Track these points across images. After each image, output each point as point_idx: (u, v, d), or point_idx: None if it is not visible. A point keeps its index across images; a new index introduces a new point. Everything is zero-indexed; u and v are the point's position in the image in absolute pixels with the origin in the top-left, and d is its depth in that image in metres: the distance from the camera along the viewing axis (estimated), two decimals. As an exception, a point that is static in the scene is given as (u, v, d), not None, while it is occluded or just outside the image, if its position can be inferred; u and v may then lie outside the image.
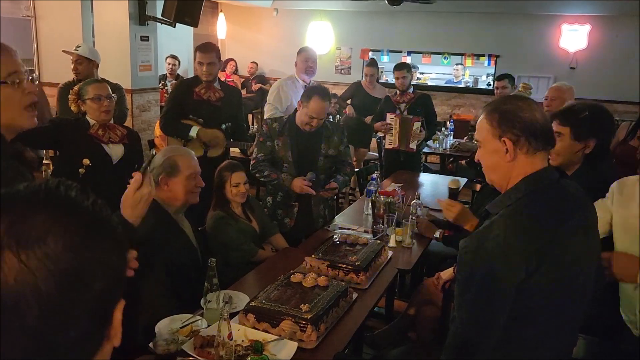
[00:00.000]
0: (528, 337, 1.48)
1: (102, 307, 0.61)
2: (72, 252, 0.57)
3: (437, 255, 3.36)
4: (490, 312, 1.44)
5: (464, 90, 9.23)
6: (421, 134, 4.77)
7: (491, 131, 1.51)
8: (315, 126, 3.12)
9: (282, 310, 1.92)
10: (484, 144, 1.56)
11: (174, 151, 2.43)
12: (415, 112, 4.84)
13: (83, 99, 2.93)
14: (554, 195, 1.50)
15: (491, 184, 3.11)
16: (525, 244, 1.39)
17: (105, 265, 0.60)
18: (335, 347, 1.89)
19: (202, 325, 1.95)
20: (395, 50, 9.39)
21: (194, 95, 3.81)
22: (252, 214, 3.01)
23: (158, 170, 2.30)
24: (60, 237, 0.57)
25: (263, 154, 3.21)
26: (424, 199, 3.52)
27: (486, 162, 1.59)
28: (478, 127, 1.58)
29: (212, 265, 2.02)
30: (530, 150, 1.48)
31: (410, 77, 5.06)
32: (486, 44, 8.78)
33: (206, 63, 3.78)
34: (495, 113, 1.51)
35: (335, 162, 3.30)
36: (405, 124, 4.77)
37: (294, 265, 2.47)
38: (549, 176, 1.51)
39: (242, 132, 4.16)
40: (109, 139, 2.95)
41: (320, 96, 3.07)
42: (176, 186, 2.32)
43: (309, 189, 3.05)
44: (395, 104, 4.99)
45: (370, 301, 2.29)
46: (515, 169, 1.51)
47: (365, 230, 3.13)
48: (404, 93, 4.98)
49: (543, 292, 1.42)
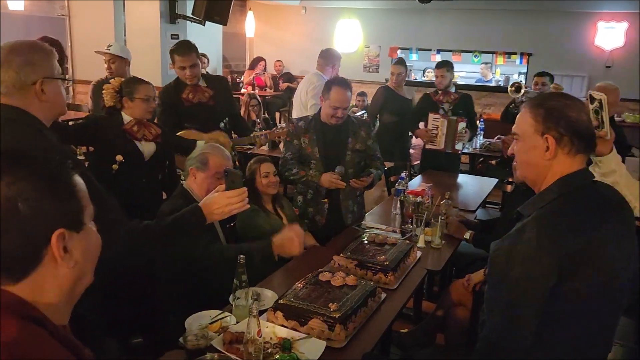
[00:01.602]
0: (560, 342, 1.44)
1: (33, 229, 0.83)
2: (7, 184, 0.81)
3: (466, 256, 3.31)
4: (522, 317, 1.41)
5: (495, 89, 9.07)
6: (466, 135, 4.64)
7: (534, 126, 1.46)
8: (340, 117, 3.09)
9: (310, 309, 1.91)
10: (524, 139, 1.51)
11: (211, 148, 2.56)
12: (458, 112, 4.68)
13: (132, 97, 2.96)
14: (589, 198, 1.46)
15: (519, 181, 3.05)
16: (558, 248, 1.35)
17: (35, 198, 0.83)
18: (364, 347, 1.88)
19: (230, 321, 1.96)
20: (425, 49, 9.30)
21: (183, 103, 3.58)
22: (282, 210, 3.05)
23: (192, 161, 2.49)
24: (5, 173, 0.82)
25: (291, 152, 3.21)
26: (454, 200, 3.47)
27: (522, 157, 1.54)
28: (519, 121, 1.53)
29: (241, 262, 2.03)
30: (572, 150, 1.44)
31: (451, 77, 4.83)
32: (518, 41, 8.62)
33: (188, 66, 3.53)
34: (541, 108, 1.46)
35: (364, 157, 3.27)
36: (451, 125, 4.61)
37: (322, 264, 2.46)
38: (585, 178, 1.46)
39: (241, 124, 4.01)
40: (142, 136, 2.99)
41: (340, 85, 3.08)
42: (202, 181, 2.46)
43: (338, 182, 3.04)
44: (437, 103, 4.78)
45: (398, 302, 2.26)
46: (552, 168, 1.46)
47: (394, 230, 3.10)
48: (446, 92, 4.77)
49: (576, 296, 1.39)
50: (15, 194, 0.82)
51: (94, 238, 0.95)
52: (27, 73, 1.58)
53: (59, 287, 0.88)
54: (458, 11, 8.71)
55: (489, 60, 9.21)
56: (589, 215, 1.43)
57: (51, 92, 1.64)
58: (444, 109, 4.76)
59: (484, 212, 4.35)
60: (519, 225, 1.47)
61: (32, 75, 1.59)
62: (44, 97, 1.62)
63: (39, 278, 0.86)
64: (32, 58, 1.60)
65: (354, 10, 9.32)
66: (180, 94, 3.57)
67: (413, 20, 9.19)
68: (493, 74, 9.39)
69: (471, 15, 8.75)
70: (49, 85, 1.63)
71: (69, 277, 0.89)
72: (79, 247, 0.90)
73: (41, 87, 1.61)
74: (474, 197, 3.93)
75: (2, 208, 0.81)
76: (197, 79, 3.59)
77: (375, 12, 9.44)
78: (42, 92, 1.62)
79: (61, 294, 0.89)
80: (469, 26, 8.86)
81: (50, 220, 0.85)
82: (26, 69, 1.58)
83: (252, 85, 9.28)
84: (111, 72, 4.17)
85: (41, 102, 1.62)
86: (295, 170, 3.15)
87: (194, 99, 3.58)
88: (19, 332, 0.79)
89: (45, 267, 0.86)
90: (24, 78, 1.58)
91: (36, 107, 1.63)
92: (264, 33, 10.20)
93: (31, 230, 0.83)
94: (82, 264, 0.91)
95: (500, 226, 3.10)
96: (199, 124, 3.60)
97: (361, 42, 9.57)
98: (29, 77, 1.59)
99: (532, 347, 1.42)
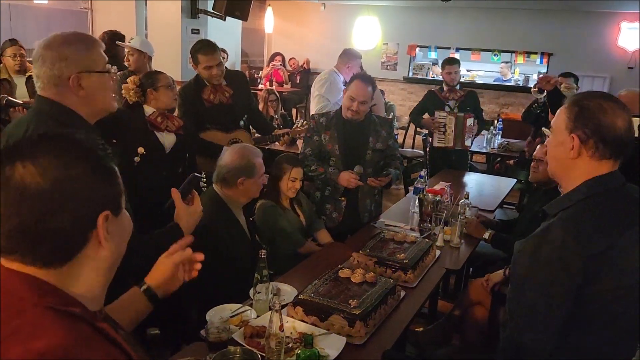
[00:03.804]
0: (584, 344, 1.44)
1: (81, 211, 0.83)
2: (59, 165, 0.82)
3: (483, 256, 3.29)
4: (547, 318, 1.40)
5: (514, 89, 8.99)
6: (474, 128, 4.66)
7: (565, 122, 1.46)
8: (356, 110, 3.05)
9: (331, 305, 1.92)
10: (556, 133, 1.51)
11: (249, 152, 2.51)
12: (465, 109, 4.72)
13: (155, 86, 2.98)
14: (617, 200, 1.44)
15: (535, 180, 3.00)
16: (584, 250, 1.34)
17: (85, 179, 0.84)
18: (383, 344, 1.88)
19: (251, 315, 1.98)
20: (444, 47, 9.24)
21: (204, 103, 3.50)
22: (299, 207, 3.05)
23: (237, 171, 2.41)
24: (52, 154, 0.82)
25: (310, 148, 3.20)
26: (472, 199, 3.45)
27: (551, 150, 1.55)
28: (558, 113, 1.52)
29: (262, 257, 2.04)
30: (595, 154, 1.42)
31: (460, 74, 4.93)
32: (538, 41, 8.52)
33: (215, 65, 3.43)
34: (576, 106, 1.45)
35: (383, 156, 3.26)
36: (459, 122, 4.63)
37: (341, 261, 2.47)
38: (614, 181, 1.44)
39: (260, 120, 3.96)
40: (166, 127, 3.02)
41: (362, 79, 3.09)
42: (252, 186, 2.47)
43: (357, 182, 3.02)
44: (443, 100, 4.83)
45: (417, 300, 2.26)
46: (577, 168, 1.45)
47: (412, 228, 3.10)
48: (451, 89, 4.83)
49: (601, 299, 1.38)
50: (66, 176, 0.82)
51: (127, 222, 0.96)
52: (60, 68, 1.55)
53: (96, 271, 0.88)
54: (478, 10, 8.64)
55: (508, 60, 9.12)
56: (616, 218, 1.41)
57: (90, 86, 1.59)
58: (449, 106, 4.77)
59: (501, 212, 4.33)
60: (544, 225, 1.46)
61: (65, 70, 1.55)
62: (81, 92, 1.58)
63: (78, 263, 0.86)
64: (65, 52, 1.56)
65: (372, 7, 9.28)
66: (201, 94, 3.51)
67: (432, 18, 9.14)
68: (512, 74, 9.30)
69: (491, 13, 8.67)
70: (87, 79, 1.58)
71: (108, 260, 0.90)
72: (117, 230, 0.90)
73: (78, 82, 1.57)
74: (492, 197, 3.91)
75: (54, 189, 0.81)
76: (222, 78, 3.51)
77: (394, 10, 9.40)
78: (80, 87, 1.57)
79: (99, 279, 0.89)
80: (489, 25, 8.78)
81: (98, 202, 0.86)
82: (59, 64, 1.54)
83: (270, 80, 9.31)
84: (130, 66, 4.20)
85: (79, 97, 1.58)
86: (314, 166, 3.15)
87: (214, 100, 3.52)
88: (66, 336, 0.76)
89: (88, 250, 0.86)
90: (58, 73, 1.55)
91: (74, 102, 1.59)
92: (283, 29, 10.21)
93: (80, 212, 0.83)
94: (119, 247, 0.92)
95: (519, 226, 3.08)
96: (220, 125, 3.57)
97: (380, 39, 9.52)
98: (63, 72, 1.55)
99: (556, 349, 1.42)
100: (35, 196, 0.80)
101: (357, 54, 4.62)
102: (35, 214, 0.80)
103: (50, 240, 0.82)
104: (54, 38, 1.58)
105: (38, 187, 0.80)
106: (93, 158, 0.87)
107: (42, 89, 1.58)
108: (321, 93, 4.27)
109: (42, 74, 1.56)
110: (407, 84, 9.67)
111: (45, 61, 1.55)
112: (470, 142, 4.74)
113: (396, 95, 9.65)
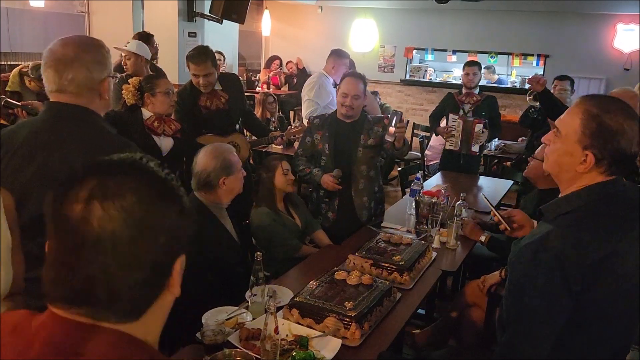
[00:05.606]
0: (579, 345, 1.44)
1: (163, 258, 0.72)
2: (144, 207, 0.70)
3: (479, 257, 3.29)
4: (545, 324, 1.39)
5: (511, 91, 9.00)
6: (483, 136, 4.61)
7: (579, 135, 1.39)
8: (350, 105, 3.07)
9: (326, 307, 1.92)
10: (563, 140, 1.43)
11: (222, 150, 2.48)
12: (480, 114, 4.65)
13: (153, 92, 3.00)
14: (617, 204, 1.42)
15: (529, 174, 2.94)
16: (583, 257, 1.33)
17: (170, 222, 0.73)
18: (379, 346, 1.88)
19: (247, 317, 1.98)
20: (440, 49, 9.25)
21: (200, 110, 3.51)
22: (294, 210, 3.04)
23: (216, 173, 2.38)
24: (135, 194, 0.69)
25: (302, 149, 3.28)
26: (470, 201, 3.46)
27: (555, 157, 1.47)
28: (566, 118, 1.44)
29: (258, 259, 2.04)
30: (606, 172, 1.40)
31: (480, 76, 4.81)
32: (535, 43, 8.55)
33: (202, 75, 3.40)
34: (595, 122, 1.37)
35: (378, 151, 3.25)
36: (467, 127, 4.61)
37: (337, 263, 2.47)
38: (616, 187, 1.42)
39: (255, 122, 3.97)
40: (163, 131, 3.02)
41: (352, 76, 3.14)
42: (233, 183, 2.45)
43: (335, 185, 3.05)
44: (459, 103, 4.76)
45: (414, 301, 2.27)
46: (582, 179, 1.43)
47: (408, 230, 3.10)
48: (469, 93, 4.74)
49: (599, 303, 1.38)
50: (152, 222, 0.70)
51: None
52: (98, 71, 1.55)
53: (163, 318, 0.77)
54: (474, 12, 8.66)
55: (504, 62, 9.12)
56: (615, 223, 1.40)
57: (108, 90, 1.62)
58: (463, 110, 4.73)
59: (499, 214, 4.32)
60: (542, 229, 1.44)
61: (101, 74, 1.56)
62: (105, 95, 1.60)
63: (151, 312, 0.74)
64: (100, 56, 1.57)
65: (369, 9, 9.30)
66: (197, 100, 3.50)
67: (429, 20, 9.16)
68: (509, 75, 9.30)
69: (488, 15, 8.69)
70: (109, 83, 1.62)
71: (171, 303, 0.78)
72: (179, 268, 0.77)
73: (108, 86, 1.60)
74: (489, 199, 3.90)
75: (138, 236, 0.68)
76: (211, 87, 3.49)
77: (391, 12, 9.42)
78: (106, 91, 1.60)
79: (162, 322, 0.78)
80: (486, 27, 8.80)
81: (179, 247, 0.74)
82: (97, 67, 1.55)
83: (267, 84, 9.31)
84: (127, 69, 4.20)
85: (101, 100, 1.60)
86: (302, 167, 3.21)
87: (211, 106, 3.52)
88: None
89: (161, 299, 0.75)
90: (96, 76, 1.55)
91: (97, 105, 1.59)
92: (280, 32, 10.22)
93: (162, 259, 0.72)
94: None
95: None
96: (217, 129, 3.58)
97: (377, 41, 9.55)
98: (99, 75, 1.56)
99: (551, 350, 1.41)
100: (117, 245, 0.67)
101: (343, 54, 4.54)
102: (115, 265, 0.68)
103: (128, 293, 0.70)
104: (83, 41, 1.58)
105: (121, 234, 0.67)
106: (175, 197, 0.75)
107: (73, 93, 1.54)
108: (310, 97, 4.26)
109: (80, 77, 1.53)
110: (404, 86, 9.68)
111: (83, 63, 1.53)
112: (478, 148, 4.69)
113: (393, 97, 9.67)
